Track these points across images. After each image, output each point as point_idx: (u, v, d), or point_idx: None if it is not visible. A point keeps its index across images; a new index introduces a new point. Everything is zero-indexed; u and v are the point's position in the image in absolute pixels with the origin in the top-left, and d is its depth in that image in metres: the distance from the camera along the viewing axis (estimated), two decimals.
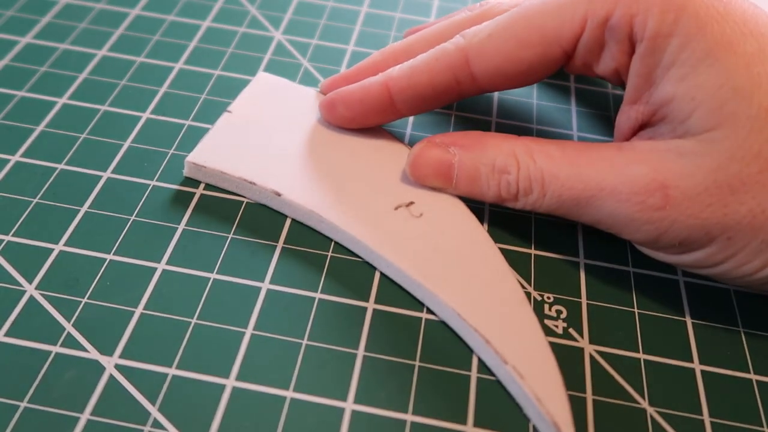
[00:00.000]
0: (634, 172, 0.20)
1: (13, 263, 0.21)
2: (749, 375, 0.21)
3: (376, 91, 0.24)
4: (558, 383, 0.19)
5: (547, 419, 0.18)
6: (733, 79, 0.19)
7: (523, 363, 0.19)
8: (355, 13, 0.35)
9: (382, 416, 0.19)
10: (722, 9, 0.19)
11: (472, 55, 0.22)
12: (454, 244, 0.22)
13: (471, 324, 0.20)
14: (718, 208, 0.19)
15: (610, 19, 0.21)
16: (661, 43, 0.20)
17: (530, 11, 0.22)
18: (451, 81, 0.23)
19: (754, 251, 0.19)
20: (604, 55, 0.22)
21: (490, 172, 0.22)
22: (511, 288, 0.21)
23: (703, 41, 0.19)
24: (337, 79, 0.26)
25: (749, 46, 0.19)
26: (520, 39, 0.22)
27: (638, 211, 0.20)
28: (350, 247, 0.23)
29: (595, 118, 0.30)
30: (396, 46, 0.26)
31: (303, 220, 0.24)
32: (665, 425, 0.19)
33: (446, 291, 0.21)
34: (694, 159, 0.19)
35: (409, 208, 0.23)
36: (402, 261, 0.21)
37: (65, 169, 0.25)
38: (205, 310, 0.21)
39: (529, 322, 0.20)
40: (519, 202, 0.22)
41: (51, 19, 0.32)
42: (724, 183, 0.19)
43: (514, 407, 0.19)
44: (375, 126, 0.25)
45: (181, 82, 0.29)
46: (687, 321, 0.22)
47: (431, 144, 0.23)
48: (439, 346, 0.21)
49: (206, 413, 0.18)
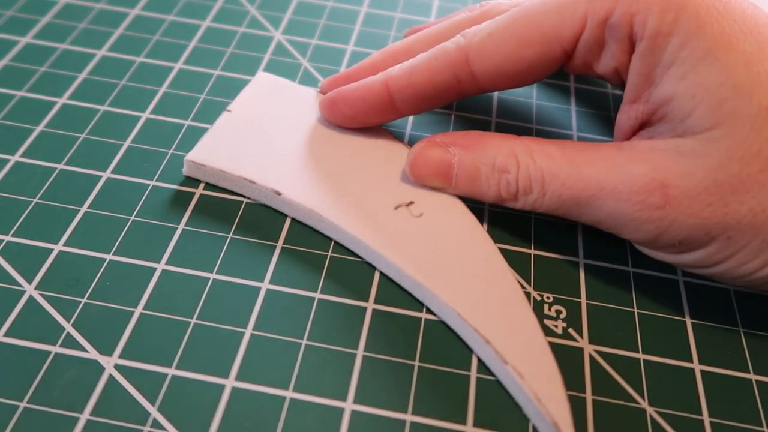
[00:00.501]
0: (634, 171, 0.20)
1: (13, 263, 0.21)
2: (749, 375, 0.21)
3: (376, 90, 0.24)
4: (558, 383, 0.19)
5: (547, 419, 0.18)
6: (733, 77, 0.19)
7: (522, 363, 0.19)
8: (355, 13, 0.35)
9: (381, 416, 0.19)
10: (722, 8, 0.19)
11: (473, 54, 0.22)
12: (454, 244, 0.22)
13: (471, 324, 0.20)
14: (718, 208, 0.19)
15: (610, 18, 0.21)
16: (661, 42, 0.20)
17: (530, 10, 0.22)
18: (451, 80, 0.23)
19: (755, 250, 0.19)
20: (604, 55, 0.22)
21: (489, 171, 0.22)
22: (511, 288, 0.21)
23: (703, 40, 0.19)
24: (337, 79, 0.26)
25: (749, 44, 0.19)
26: (521, 38, 0.22)
27: (638, 210, 0.20)
28: (350, 246, 0.23)
29: (595, 118, 0.30)
30: (396, 46, 0.26)
31: (303, 220, 0.24)
32: (665, 425, 0.19)
33: (446, 291, 0.21)
34: (694, 158, 0.19)
35: (409, 207, 0.23)
36: (402, 261, 0.21)
37: (65, 169, 0.25)
38: (204, 310, 0.21)
39: (529, 322, 0.20)
40: (519, 202, 0.22)
41: (51, 19, 0.32)
42: (724, 182, 0.19)
43: (514, 407, 0.19)
44: (375, 125, 0.25)
45: (180, 82, 0.29)
46: (687, 321, 0.22)
47: (431, 144, 0.23)
48: (438, 346, 0.21)
49: (206, 413, 0.18)
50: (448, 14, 0.32)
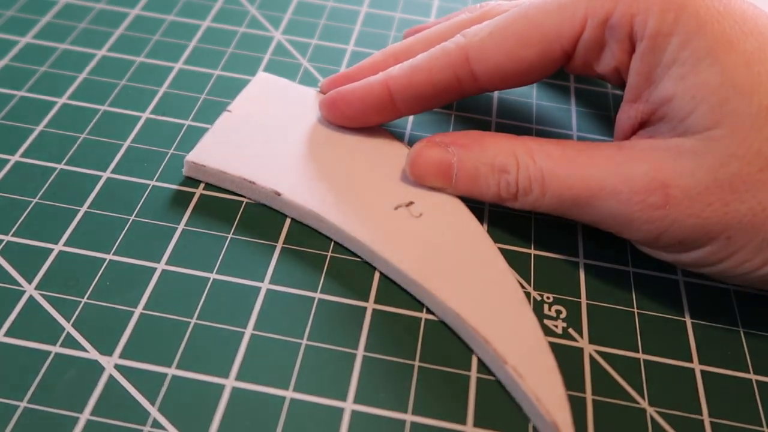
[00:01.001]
0: (635, 171, 0.20)
1: (13, 263, 0.21)
2: (749, 375, 0.21)
3: (376, 90, 0.24)
4: (557, 383, 0.19)
5: (547, 419, 0.18)
6: (734, 77, 0.19)
7: (522, 363, 0.19)
8: (355, 13, 0.35)
9: (381, 416, 0.19)
10: (722, 8, 0.19)
11: (473, 54, 0.22)
12: (454, 244, 0.22)
13: (471, 324, 0.20)
14: (718, 207, 0.19)
15: (611, 19, 0.21)
16: (661, 41, 0.20)
17: (531, 10, 0.22)
18: (451, 79, 0.23)
19: (755, 249, 0.19)
20: (605, 55, 0.22)
21: (489, 171, 0.22)
22: (511, 288, 0.21)
23: (704, 40, 0.19)
24: (337, 78, 0.26)
25: (749, 44, 0.19)
26: (521, 37, 0.22)
27: (639, 210, 0.20)
28: (350, 246, 0.23)
29: (595, 118, 0.30)
30: (396, 47, 0.26)
31: (303, 220, 0.24)
32: (665, 425, 0.19)
33: (446, 291, 0.21)
34: (694, 157, 0.19)
35: (408, 208, 0.23)
36: (401, 261, 0.21)
37: (65, 169, 0.25)
38: (204, 310, 0.21)
39: (529, 322, 0.20)
40: (518, 202, 0.22)
41: (51, 19, 0.32)
42: (725, 181, 0.19)
43: (514, 407, 0.19)
44: (375, 125, 0.25)
45: (180, 82, 0.29)
46: (687, 321, 0.22)
47: (431, 143, 0.23)
48: (438, 346, 0.21)
49: (206, 413, 0.18)
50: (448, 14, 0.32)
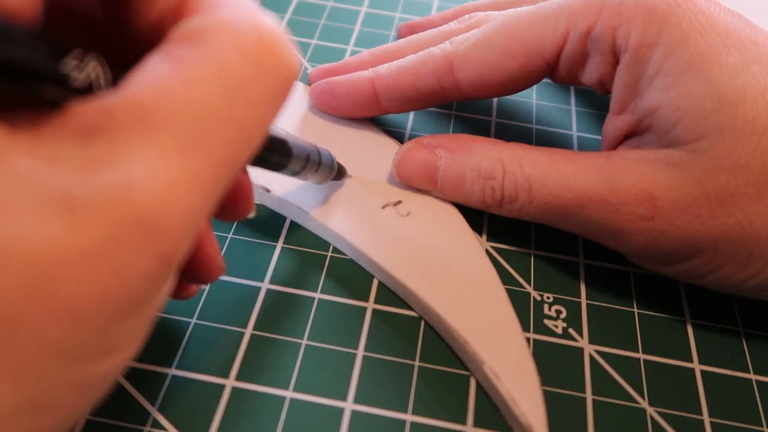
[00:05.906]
0: (623, 181, 0.20)
1: None
2: (749, 375, 0.21)
3: (362, 87, 0.24)
4: (534, 385, 0.19)
5: (521, 421, 0.18)
6: (718, 89, 0.18)
7: (500, 364, 0.19)
8: (355, 13, 0.35)
9: (381, 416, 0.19)
10: (705, 21, 0.19)
11: (457, 63, 0.23)
12: (439, 243, 0.22)
13: (450, 324, 0.20)
14: (707, 220, 0.19)
15: (593, 31, 0.21)
16: (645, 52, 0.20)
17: (514, 22, 0.22)
18: (435, 85, 0.23)
19: (742, 262, 0.19)
20: (588, 66, 0.22)
21: (475, 176, 0.22)
22: (494, 288, 0.21)
23: (687, 51, 0.19)
24: (326, 70, 0.27)
25: (732, 58, 0.19)
26: (504, 49, 0.22)
27: (626, 221, 0.20)
28: (336, 244, 0.23)
29: (595, 118, 0.30)
30: (386, 48, 0.26)
31: (291, 217, 0.24)
32: (665, 425, 0.19)
33: (427, 290, 0.21)
34: (682, 170, 0.19)
35: (396, 207, 0.23)
36: (384, 259, 0.21)
37: None
38: (204, 310, 0.21)
39: (510, 323, 0.20)
40: (504, 209, 0.22)
41: None
42: (712, 194, 0.18)
43: None
44: (362, 117, 0.26)
45: None
46: (687, 321, 0.22)
47: (419, 145, 0.23)
48: (439, 347, 0.21)
49: (206, 413, 0.18)
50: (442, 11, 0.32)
